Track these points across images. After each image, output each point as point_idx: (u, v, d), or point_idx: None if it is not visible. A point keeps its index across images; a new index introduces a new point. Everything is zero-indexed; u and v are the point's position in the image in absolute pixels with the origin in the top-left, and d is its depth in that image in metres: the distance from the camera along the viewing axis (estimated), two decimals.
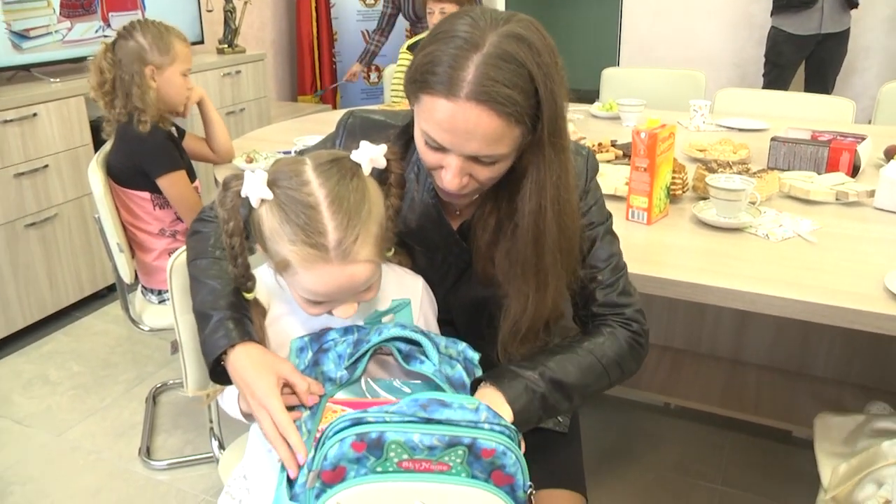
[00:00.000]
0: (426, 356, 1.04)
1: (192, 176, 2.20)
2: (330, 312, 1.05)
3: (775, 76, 4.24)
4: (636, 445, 2.29)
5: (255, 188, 0.98)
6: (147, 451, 2.30)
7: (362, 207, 0.99)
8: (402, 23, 5.00)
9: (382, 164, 1.08)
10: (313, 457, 0.91)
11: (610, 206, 1.30)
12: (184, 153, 2.22)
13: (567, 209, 1.10)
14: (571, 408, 1.16)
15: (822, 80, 4.18)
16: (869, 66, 4.62)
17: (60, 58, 3.23)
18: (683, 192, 1.91)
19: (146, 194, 2.13)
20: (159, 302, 2.19)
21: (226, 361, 1.06)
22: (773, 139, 2.19)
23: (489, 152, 1.02)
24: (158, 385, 2.62)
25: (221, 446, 1.51)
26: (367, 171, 1.05)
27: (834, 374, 2.23)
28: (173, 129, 2.21)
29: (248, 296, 1.11)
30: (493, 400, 1.06)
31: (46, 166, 2.93)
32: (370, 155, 1.06)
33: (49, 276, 3.01)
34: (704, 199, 1.87)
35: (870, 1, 4.44)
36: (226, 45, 4.07)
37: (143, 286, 2.23)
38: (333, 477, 0.89)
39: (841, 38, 4.09)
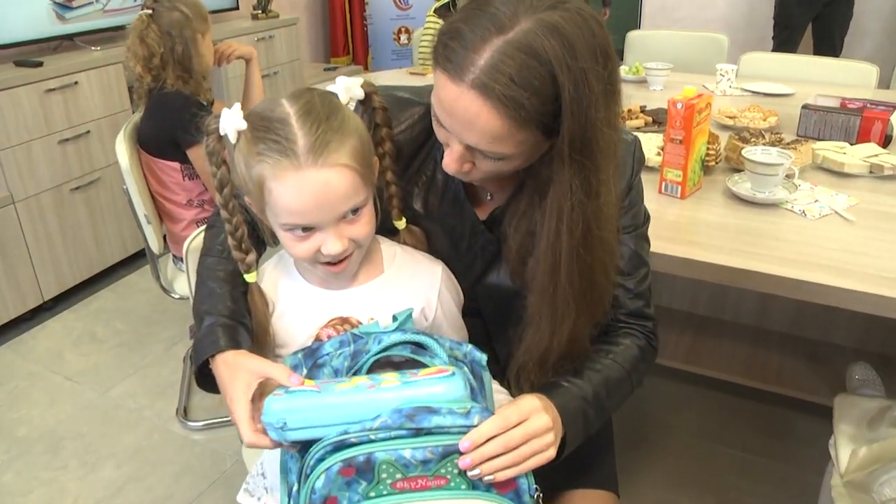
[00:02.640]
0: (435, 356, 0.85)
1: None
2: (320, 254, 0.88)
3: (785, 38, 3.96)
4: (657, 410, 2.12)
5: (231, 120, 0.86)
6: (184, 411, 2.17)
7: (333, 117, 0.85)
8: None
9: (359, 94, 0.93)
10: (298, 490, 0.75)
11: (641, 177, 1.10)
12: None
13: (591, 241, 0.87)
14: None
15: (829, 41, 3.89)
16: (880, 28, 4.28)
17: (101, 26, 3.03)
18: (717, 163, 1.69)
19: (176, 164, 1.95)
20: None
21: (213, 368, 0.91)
22: (803, 107, 1.96)
23: (490, 149, 0.81)
24: None
25: None
26: (343, 100, 0.91)
27: (855, 343, 2.04)
28: (206, 102, 2.03)
29: (249, 277, 0.96)
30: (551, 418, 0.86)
31: (88, 132, 2.76)
32: (345, 84, 0.92)
33: (95, 237, 2.87)
34: (738, 170, 1.66)
35: None
36: (259, 11, 3.83)
37: (173, 255, 2.07)
38: None
39: (846, 1, 3.79)
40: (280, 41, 3.82)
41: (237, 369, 0.87)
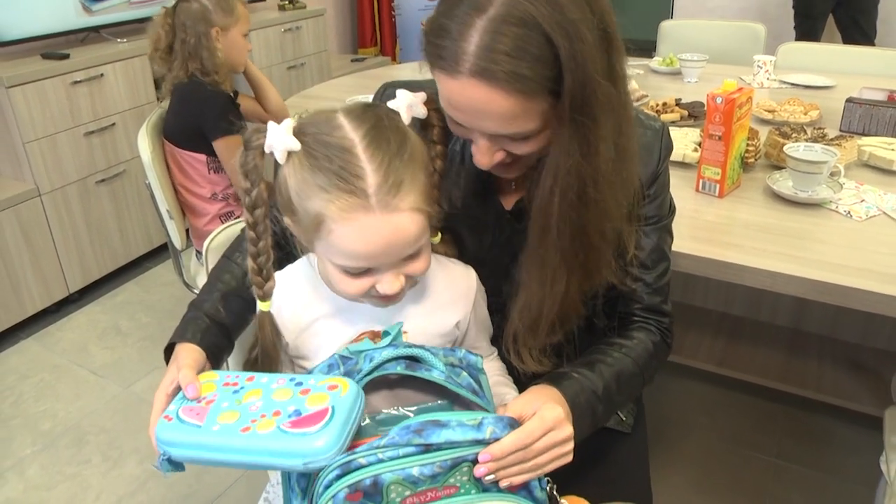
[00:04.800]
0: (432, 367, 0.82)
1: None
2: (374, 291, 0.82)
3: (807, 27, 3.81)
4: (690, 413, 2.05)
5: (281, 138, 0.76)
6: None
7: (404, 149, 0.77)
8: None
9: (422, 112, 0.86)
10: None
11: (676, 174, 1.04)
12: (242, 118, 2.02)
13: (586, 202, 0.82)
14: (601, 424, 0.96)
15: (858, 28, 3.70)
16: None
17: (127, 18, 3.02)
18: (756, 160, 1.62)
19: (202, 156, 1.93)
20: None
21: None
22: (848, 100, 1.86)
23: (511, 130, 0.78)
24: None
25: None
26: (406, 120, 0.83)
27: None
28: (234, 93, 2.01)
29: (264, 306, 0.87)
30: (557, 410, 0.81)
31: (114, 124, 2.75)
32: (408, 102, 0.84)
33: (120, 230, 2.87)
34: (778, 167, 1.59)
35: None
36: (287, 2, 3.80)
37: (196, 250, 2.05)
38: None
39: None
40: (307, 32, 3.79)
41: (174, 360, 0.86)
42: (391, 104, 0.84)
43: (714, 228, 1.37)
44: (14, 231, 2.46)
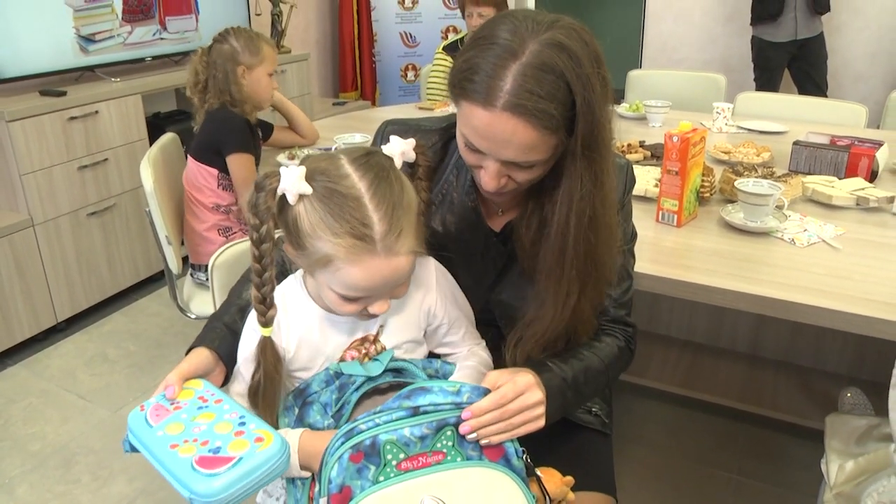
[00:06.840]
0: (415, 376, 0.98)
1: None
2: (364, 311, 0.94)
3: (766, 79, 4.18)
4: (654, 433, 2.18)
5: (294, 183, 0.87)
6: None
7: (403, 198, 0.90)
8: (437, 23, 4.89)
9: (412, 157, 1.00)
10: (320, 482, 0.85)
11: (639, 207, 1.20)
12: (258, 145, 2.26)
13: (597, 225, 0.99)
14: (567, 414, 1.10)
15: (811, 81, 4.09)
16: (875, 73, 4.44)
17: (122, 59, 3.16)
18: (711, 194, 1.79)
19: (214, 171, 2.14)
20: (207, 279, 2.13)
21: None
22: (795, 143, 2.06)
23: (526, 158, 0.93)
24: None
25: None
26: (398, 164, 0.97)
27: (847, 371, 2.11)
28: (257, 125, 2.27)
29: (265, 332, 0.95)
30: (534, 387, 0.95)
31: (106, 160, 2.88)
32: (400, 149, 0.98)
33: (108, 261, 2.96)
34: (732, 201, 1.76)
35: (877, 9, 4.32)
36: None
37: (191, 265, 2.20)
38: (341, 500, 0.83)
39: (817, 42, 4.01)
40: (291, 76, 3.96)
41: (182, 360, 0.98)
42: (385, 149, 0.97)
43: (672, 253, 1.53)
44: (7, 259, 2.55)
